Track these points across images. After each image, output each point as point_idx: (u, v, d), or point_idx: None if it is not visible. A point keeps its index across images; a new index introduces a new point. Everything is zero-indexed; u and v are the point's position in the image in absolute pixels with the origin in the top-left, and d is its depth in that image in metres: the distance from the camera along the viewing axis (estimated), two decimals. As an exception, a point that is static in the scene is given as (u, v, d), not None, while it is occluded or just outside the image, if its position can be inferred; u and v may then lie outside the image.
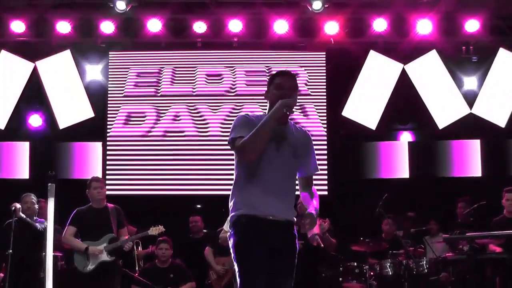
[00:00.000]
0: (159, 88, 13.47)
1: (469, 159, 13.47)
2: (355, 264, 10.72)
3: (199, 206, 13.29)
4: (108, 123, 13.39)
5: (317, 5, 12.17)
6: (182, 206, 12.76)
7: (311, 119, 13.21)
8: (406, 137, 13.86)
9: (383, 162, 13.60)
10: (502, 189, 10.25)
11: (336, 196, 12.93)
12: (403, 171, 13.47)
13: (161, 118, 13.33)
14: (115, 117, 13.40)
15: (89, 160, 13.45)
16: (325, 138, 13.21)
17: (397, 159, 13.56)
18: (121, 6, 12.19)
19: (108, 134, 13.35)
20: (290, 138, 5.25)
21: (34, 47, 13.35)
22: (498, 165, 13.46)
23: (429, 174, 13.50)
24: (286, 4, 12.97)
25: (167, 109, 13.34)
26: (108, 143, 13.33)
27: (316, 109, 13.28)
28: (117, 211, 9.48)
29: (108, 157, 13.27)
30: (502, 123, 13.27)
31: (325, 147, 13.14)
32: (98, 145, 13.45)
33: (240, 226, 5.13)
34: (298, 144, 5.27)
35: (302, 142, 5.32)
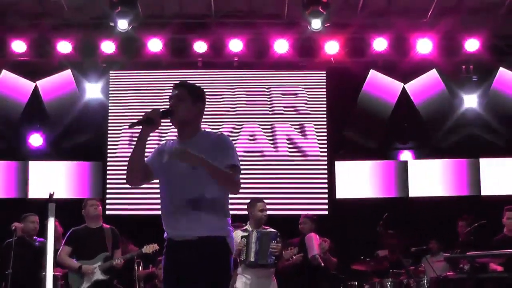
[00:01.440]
0: (160, 106, 13.46)
1: (469, 178, 13.46)
2: (356, 283, 10.67)
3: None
4: (109, 142, 13.40)
5: (316, 25, 12.18)
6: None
7: (310, 139, 13.21)
8: (406, 156, 13.86)
9: (383, 181, 13.58)
10: (502, 208, 10.24)
11: (336, 215, 12.90)
12: (403, 190, 13.45)
13: (162, 139, 13.33)
14: (115, 136, 13.41)
15: (89, 180, 13.44)
16: (326, 157, 13.20)
17: (397, 178, 13.54)
18: (123, 25, 12.21)
19: (108, 154, 13.36)
20: (191, 149, 4.81)
21: (35, 67, 13.39)
22: (498, 184, 13.43)
23: (429, 193, 13.47)
24: (286, 24, 13.01)
25: (168, 129, 13.34)
26: (108, 162, 13.34)
27: (317, 128, 13.29)
28: (112, 232, 9.48)
29: (108, 177, 13.27)
30: (501, 142, 13.29)
31: (325, 166, 13.12)
32: (98, 165, 13.45)
33: (164, 250, 5.10)
34: (199, 152, 4.80)
35: (205, 148, 4.90)
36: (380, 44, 12.91)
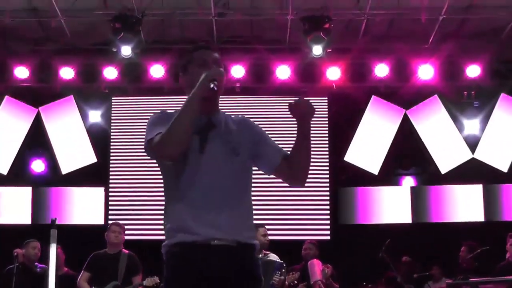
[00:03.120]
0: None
1: (472, 204, 13.44)
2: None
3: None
4: (111, 167, 13.41)
5: (317, 51, 12.21)
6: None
7: (313, 164, 13.17)
8: (408, 182, 13.84)
9: (385, 207, 13.55)
10: (505, 234, 10.22)
11: (338, 241, 12.87)
12: (405, 216, 13.42)
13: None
14: (117, 162, 13.43)
15: (92, 205, 13.42)
16: (327, 183, 13.19)
17: (399, 204, 13.51)
18: (126, 51, 12.24)
19: (110, 179, 13.36)
20: (225, 131, 4.03)
21: (38, 93, 13.43)
22: (501, 210, 13.41)
23: (432, 219, 13.45)
24: (288, 50, 13.05)
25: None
26: (110, 188, 13.34)
27: (318, 154, 13.28)
28: (129, 258, 9.46)
29: (110, 202, 13.27)
30: (504, 167, 13.29)
31: (327, 192, 13.10)
32: (100, 190, 13.45)
33: (172, 259, 3.91)
34: (237, 137, 4.03)
35: (244, 133, 4.10)
36: (381, 70, 12.95)
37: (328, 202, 13.03)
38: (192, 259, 3.79)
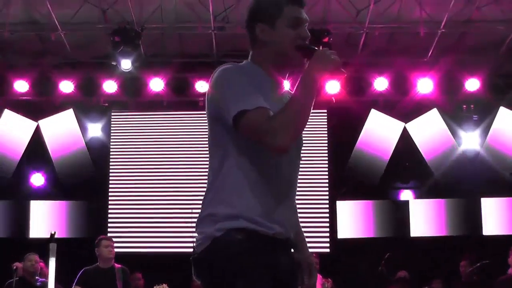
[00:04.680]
0: (161, 146, 13.50)
1: (470, 217, 13.42)
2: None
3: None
4: (110, 181, 13.41)
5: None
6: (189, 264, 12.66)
7: (312, 178, 13.19)
8: (407, 195, 13.83)
9: (384, 221, 13.54)
10: (503, 248, 10.21)
11: (337, 255, 12.86)
12: (404, 229, 13.40)
13: (164, 176, 13.35)
14: (116, 175, 13.43)
15: (91, 218, 13.41)
16: (327, 196, 13.19)
17: (398, 218, 13.50)
18: (126, 65, 12.25)
19: (109, 193, 13.36)
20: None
21: (37, 106, 13.43)
22: (500, 224, 13.40)
23: (431, 232, 13.43)
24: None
25: (169, 168, 13.37)
26: (109, 201, 13.33)
27: (318, 167, 13.28)
28: (123, 272, 9.40)
29: (109, 215, 13.26)
30: (502, 181, 13.29)
31: (327, 205, 13.10)
32: (99, 204, 13.42)
33: (238, 247, 3.24)
34: None
35: None
36: (381, 83, 12.97)
37: (327, 215, 13.07)
38: (263, 250, 3.27)
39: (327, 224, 12.94)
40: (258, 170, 3.32)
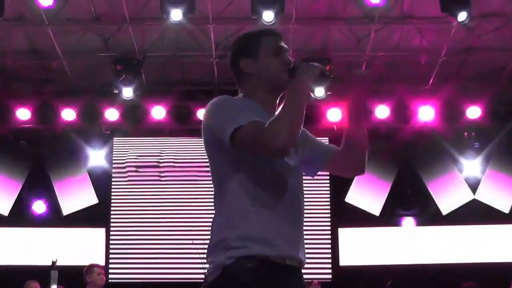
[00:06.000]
0: (162, 172, 13.51)
1: (473, 245, 13.40)
2: None
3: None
4: (112, 208, 13.40)
5: (319, 93, 12.25)
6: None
7: (313, 205, 13.17)
8: (409, 222, 13.81)
9: (386, 248, 13.51)
10: (506, 275, 10.19)
11: (340, 283, 12.82)
12: (406, 257, 13.38)
13: (165, 203, 13.34)
14: (118, 202, 13.42)
15: (93, 246, 13.38)
16: (329, 224, 13.17)
17: (400, 245, 13.48)
18: (127, 93, 12.29)
19: (111, 220, 13.35)
20: None
21: (39, 134, 13.45)
22: (503, 251, 13.37)
23: (433, 260, 13.40)
24: (289, 91, 13.07)
25: (171, 193, 13.37)
26: (111, 228, 13.32)
27: (319, 195, 13.27)
28: None
29: (111, 242, 13.24)
30: (506, 209, 13.28)
31: (329, 232, 13.08)
32: (101, 231, 13.41)
33: (249, 276, 3.17)
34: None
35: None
36: (382, 111, 12.98)
37: (329, 242, 13.05)
38: (273, 279, 3.22)
39: (329, 252, 12.96)
40: (262, 189, 3.28)
